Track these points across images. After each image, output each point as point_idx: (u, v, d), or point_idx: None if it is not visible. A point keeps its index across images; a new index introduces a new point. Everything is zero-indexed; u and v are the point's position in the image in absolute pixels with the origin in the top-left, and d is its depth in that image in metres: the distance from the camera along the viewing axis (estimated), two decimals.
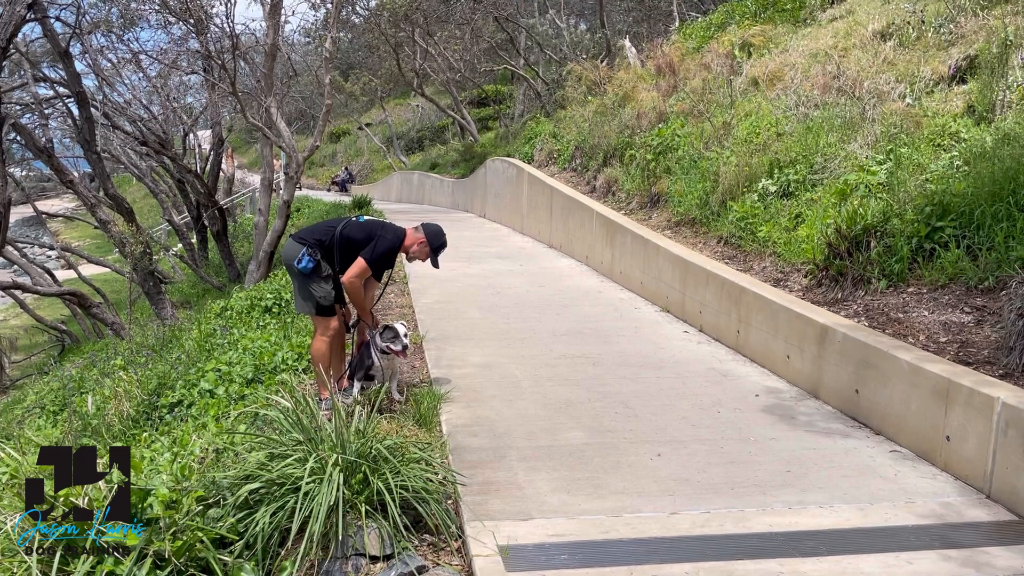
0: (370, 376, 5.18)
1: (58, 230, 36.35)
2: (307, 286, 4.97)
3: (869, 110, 7.55)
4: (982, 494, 3.93)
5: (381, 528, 3.30)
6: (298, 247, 4.96)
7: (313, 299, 5.00)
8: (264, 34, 12.80)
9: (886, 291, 5.59)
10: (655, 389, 5.59)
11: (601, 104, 13.13)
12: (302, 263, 4.89)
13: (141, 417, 6.81)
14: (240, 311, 9.71)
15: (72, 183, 13.56)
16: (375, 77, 30.92)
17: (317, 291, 4.99)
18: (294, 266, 4.94)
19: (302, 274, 4.93)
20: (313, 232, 5.07)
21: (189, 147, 23.12)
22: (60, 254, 23.08)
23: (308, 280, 4.95)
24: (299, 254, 4.91)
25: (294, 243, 5.01)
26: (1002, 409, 3.81)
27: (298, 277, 5.01)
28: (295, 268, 4.94)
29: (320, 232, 5.04)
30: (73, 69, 12.86)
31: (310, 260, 4.91)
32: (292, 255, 4.96)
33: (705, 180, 8.55)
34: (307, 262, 4.90)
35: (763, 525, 3.63)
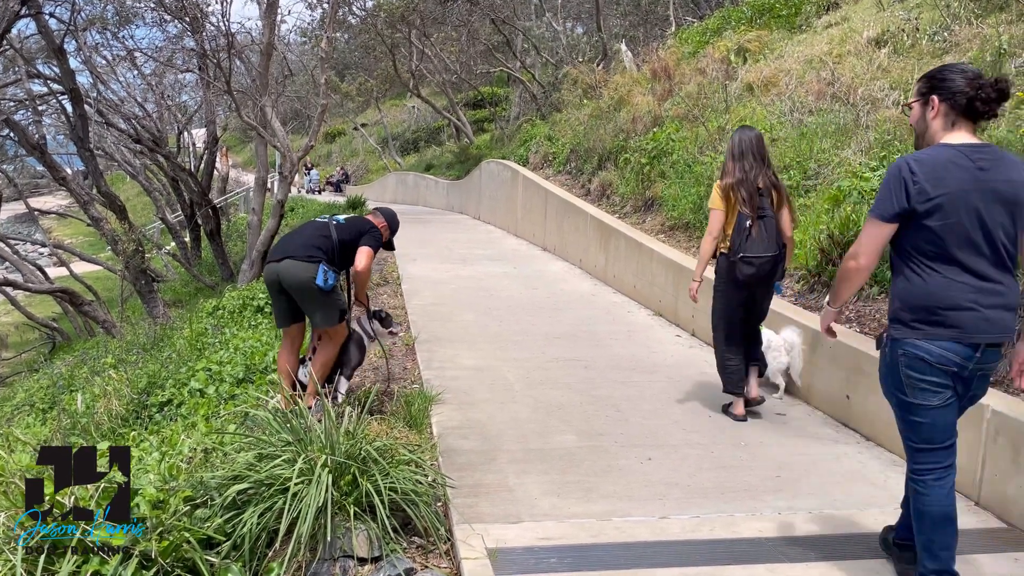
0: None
1: (51, 227, 36.21)
2: (329, 300, 4.81)
3: (863, 117, 7.58)
4: (971, 501, 3.94)
5: (370, 530, 3.28)
6: (311, 266, 4.68)
7: (337, 308, 4.90)
8: (260, 33, 12.81)
9: (878, 298, 5.60)
10: (647, 393, 5.59)
11: (597, 107, 13.14)
12: (329, 281, 4.69)
13: (131, 416, 6.78)
14: (232, 310, 9.68)
15: (65, 180, 13.50)
16: (371, 78, 30.91)
17: (339, 301, 4.93)
18: (314, 285, 4.66)
19: (325, 291, 4.73)
20: (306, 248, 4.81)
21: (183, 145, 23.04)
22: (52, 251, 22.99)
23: (331, 294, 4.80)
24: (316, 273, 4.66)
25: (303, 264, 4.70)
26: (991, 416, 3.81)
27: (319, 296, 4.74)
28: (316, 287, 4.67)
29: (316, 245, 4.82)
30: (67, 66, 12.80)
31: (334, 275, 4.77)
32: (308, 275, 4.67)
33: (699, 185, 8.56)
34: (333, 279, 4.74)
35: (753, 530, 3.64)
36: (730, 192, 4.79)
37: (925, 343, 2.88)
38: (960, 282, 2.84)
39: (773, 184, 4.85)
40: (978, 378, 2.97)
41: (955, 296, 2.84)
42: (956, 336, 2.84)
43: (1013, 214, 2.84)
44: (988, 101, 2.86)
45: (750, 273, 4.75)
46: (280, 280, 4.83)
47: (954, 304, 2.84)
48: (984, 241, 2.83)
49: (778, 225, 4.83)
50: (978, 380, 2.98)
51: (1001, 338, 2.89)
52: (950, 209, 2.80)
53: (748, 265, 4.73)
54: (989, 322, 2.84)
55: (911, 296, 2.92)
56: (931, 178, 2.81)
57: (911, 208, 2.83)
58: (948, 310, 2.84)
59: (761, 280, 4.83)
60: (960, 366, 2.87)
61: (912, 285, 2.92)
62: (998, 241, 2.84)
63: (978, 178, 2.82)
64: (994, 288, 2.86)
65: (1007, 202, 2.83)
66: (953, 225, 2.82)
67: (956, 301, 2.84)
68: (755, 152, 4.83)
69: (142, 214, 32.44)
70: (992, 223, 2.82)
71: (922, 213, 2.82)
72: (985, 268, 2.85)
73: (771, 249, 4.75)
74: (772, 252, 4.75)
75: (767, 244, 4.73)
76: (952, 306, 2.84)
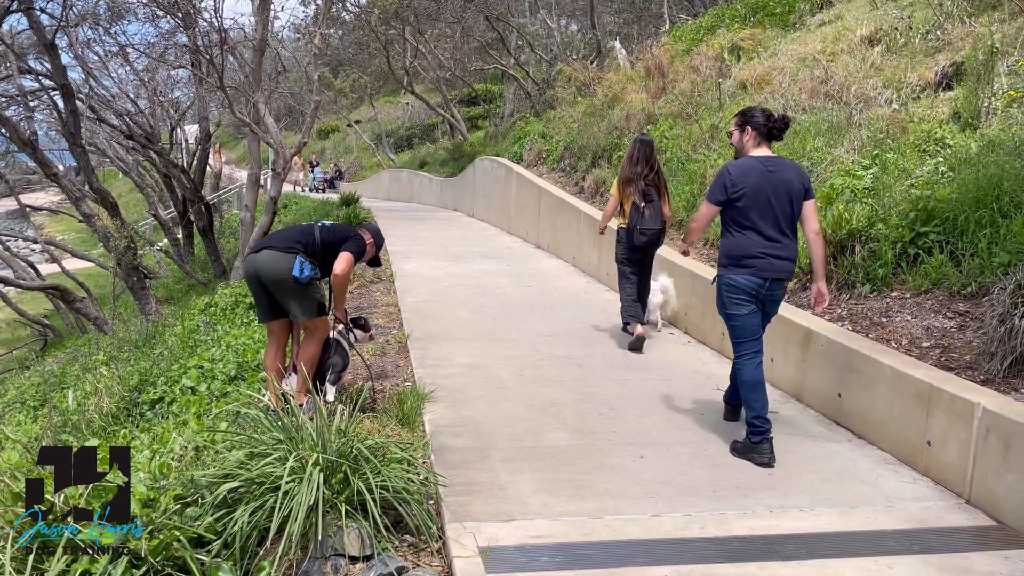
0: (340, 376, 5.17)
1: (42, 223, 36.04)
2: (306, 292, 4.83)
3: (856, 115, 7.59)
4: (962, 499, 3.95)
5: (361, 528, 3.28)
6: (288, 257, 4.77)
7: (315, 301, 4.89)
8: (253, 29, 12.72)
9: (870, 295, 5.62)
10: (640, 391, 5.59)
11: (591, 105, 13.14)
12: (305, 272, 4.75)
13: (122, 414, 6.74)
14: (224, 307, 9.66)
15: (57, 176, 13.43)
16: (365, 74, 30.79)
17: (316, 293, 4.92)
18: (290, 276, 4.73)
19: (301, 283, 4.78)
20: (286, 241, 4.89)
21: (176, 142, 22.96)
22: (44, 248, 22.86)
23: (307, 286, 4.82)
24: (294, 264, 4.73)
25: (280, 255, 4.79)
26: (983, 415, 3.82)
27: (295, 287, 4.79)
28: (291, 278, 4.74)
29: (296, 240, 4.89)
30: (59, 61, 12.73)
31: (312, 268, 4.81)
32: (284, 267, 4.75)
33: (692, 183, 8.57)
34: (309, 271, 4.78)
35: (744, 528, 3.64)
36: (622, 185, 6.76)
37: (735, 276, 4.50)
38: (756, 240, 4.45)
39: (655, 183, 6.78)
40: (769, 301, 4.60)
41: (752, 249, 4.45)
42: (752, 273, 4.46)
43: (791, 200, 4.46)
44: (780, 129, 4.57)
45: (644, 240, 6.70)
46: (258, 272, 4.83)
47: (751, 254, 4.45)
48: (771, 216, 4.44)
49: (661, 208, 6.78)
50: (769, 303, 4.62)
51: (780, 275, 4.49)
52: (750, 196, 4.42)
53: (642, 235, 6.68)
54: (773, 266, 4.46)
55: (728, 249, 4.56)
56: (740, 177, 4.45)
57: (728, 197, 4.46)
58: (748, 257, 4.46)
59: (650, 245, 6.81)
60: (756, 291, 4.48)
61: (729, 242, 4.55)
62: (781, 216, 4.44)
63: (768, 177, 4.44)
64: (777, 245, 4.46)
65: (786, 192, 4.44)
66: (752, 206, 4.43)
67: (752, 252, 4.45)
68: (645, 159, 6.76)
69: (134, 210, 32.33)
70: (777, 205, 4.43)
71: (735, 198, 4.45)
72: (772, 232, 4.45)
73: (657, 224, 6.71)
74: (658, 226, 6.73)
75: (655, 221, 6.69)
76: (750, 255, 4.46)
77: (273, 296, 4.89)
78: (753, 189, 4.40)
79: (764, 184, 4.41)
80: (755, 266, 4.44)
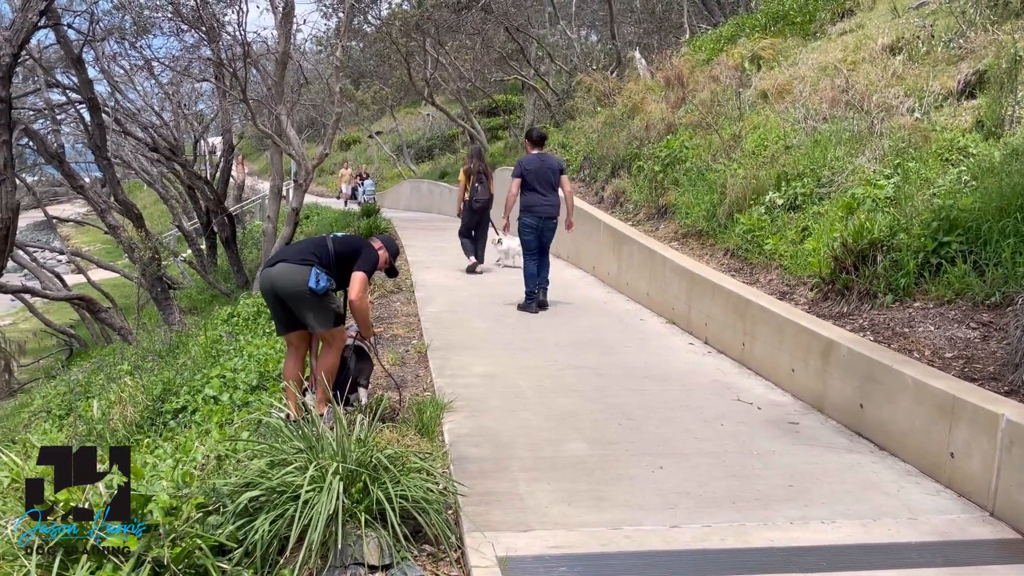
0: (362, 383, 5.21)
1: (68, 235, 36.54)
2: (323, 303, 4.87)
3: (877, 124, 7.54)
4: (986, 512, 3.90)
5: (380, 538, 3.29)
6: (303, 269, 4.81)
7: (331, 312, 4.94)
8: (275, 42, 12.88)
9: (892, 306, 5.57)
10: (659, 401, 5.58)
11: (610, 115, 13.16)
12: (321, 284, 4.78)
13: (145, 423, 6.83)
14: (247, 317, 9.75)
15: (83, 188, 13.65)
16: (386, 86, 30.99)
17: (332, 304, 4.96)
18: (307, 288, 4.78)
19: (318, 295, 4.82)
20: (301, 254, 4.94)
21: (200, 154, 23.24)
22: (70, 258, 23.16)
23: (323, 297, 4.86)
24: (310, 276, 4.78)
25: (295, 267, 4.84)
26: (1007, 426, 3.78)
27: (311, 299, 4.83)
28: (308, 290, 4.78)
29: (311, 252, 4.94)
30: (85, 75, 12.96)
31: (328, 279, 4.85)
32: (300, 279, 4.80)
33: (712, 192, 8.55)
34: (325, 282, 4.81)
35: (764, 540, 3.61)
36: (468, 175, 11.02)
37: (526, 218, 8.22)
38: (536, 197, 8.20)
39: (486, 172, 11.17)
40: (546, 231, 8.29)
41: (534, 202, 8.20)
42: (535, 214, 8.20)
43: (553, 174, 8.25)
44: (540, 141, 8.59)
45: (478, 207, 10.91)
46: (274, 285, 4.88)
47: (534, 204, 8.20)
48: (545, 183, 8.19)
49: (489, 188, 11.03)
50: (547, 232, 8.30)
51: (550, 213, 8.23)
52: (531, 172, 8.19)
53: (477, 203, 10.90)
54: (546, 211, 8.21)
55: (523, 202, 8.21)
56: (527, 164, 8.27)
57: (521, 173, 8.22)
58: (532, 206, 8.20)
59: (484, 211, 10.97)
60: (537, 225, 8.22)
61: (524, 199, 8.21)
62: (549, 183, 8.21)
63: (540, 164, 8.25)
64: (548, 199, 8.22)
65: (551, 171, 8.26)
66: (534, 179, 8.17)
67: (535, 203, 8.19)
68: (478, 157, 11.45)
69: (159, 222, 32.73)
70: (545, 177, 8.21)
71: (525, 174, 8.19)
72: (546, 191, 8.20)
73: (486, 196, 10.94)
74: (487, 197, 10.95)
75: (485, 195, 10.97)
76: (533, 205, 8.20)
77: (290, 309, 4.94)
78: (534, 170, 8.20)
79: (539, 167, 8.23)
80: (536, 212, 8.19)
